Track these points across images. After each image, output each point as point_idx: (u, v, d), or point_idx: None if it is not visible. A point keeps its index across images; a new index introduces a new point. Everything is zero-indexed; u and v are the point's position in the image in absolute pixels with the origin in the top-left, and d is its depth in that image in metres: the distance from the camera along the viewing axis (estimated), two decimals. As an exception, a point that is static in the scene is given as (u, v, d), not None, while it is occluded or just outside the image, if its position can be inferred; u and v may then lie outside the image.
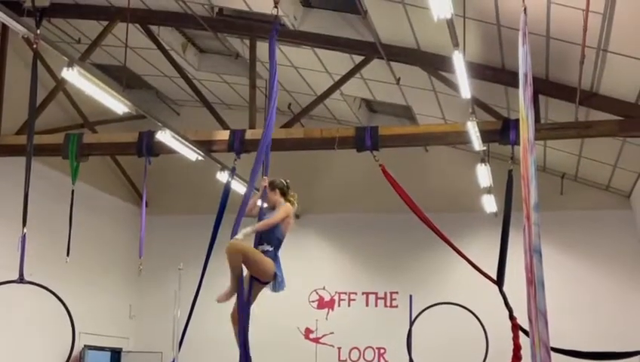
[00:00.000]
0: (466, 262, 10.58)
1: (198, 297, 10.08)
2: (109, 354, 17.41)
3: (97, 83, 9.88)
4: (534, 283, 4.25)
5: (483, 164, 13.62)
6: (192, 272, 10.87)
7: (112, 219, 17.57)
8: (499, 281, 10.31)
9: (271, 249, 7.48)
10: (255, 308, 7.52)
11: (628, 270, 16.44)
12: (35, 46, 8.38)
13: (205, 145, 12.69)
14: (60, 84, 13.50)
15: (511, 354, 9.49)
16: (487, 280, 10.40)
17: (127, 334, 17.95)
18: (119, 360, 17.63)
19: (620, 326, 15.99)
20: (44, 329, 14.16)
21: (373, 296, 17.80)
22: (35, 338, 14.40)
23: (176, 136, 11.88)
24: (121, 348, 17.68)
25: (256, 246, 7.48)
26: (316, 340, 17.78)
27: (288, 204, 7.71)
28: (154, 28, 13.53)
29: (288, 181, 7.86)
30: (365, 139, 11.94)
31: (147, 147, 12.46)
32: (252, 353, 7.35)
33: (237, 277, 7.32)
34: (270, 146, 8.00)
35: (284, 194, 7.75)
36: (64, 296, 8.24)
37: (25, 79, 8.71)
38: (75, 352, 15.84)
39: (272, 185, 7.74)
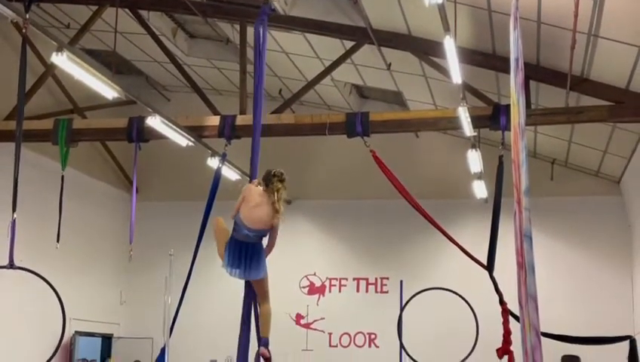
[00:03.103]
0: (457, 248, 10.60)
1: (189, 283, 10.07)
2: (99, 339, 17.43)
3: (87, 68, 9.84)
4: (525, 267, 4.25)
5: (474, 150, 13.61)
6: (182, 258, 10.85)
7: (102, 205, 17.52)
8: (489, 267, 10.32)
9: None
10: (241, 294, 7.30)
11: (617, 255, 16.51)
12: (24, 31, 8.33)
13: (196, 131, 12.67)
14: (50, 70, 13.44)
15: (501, 338, 9.50)
16: (478, 265, 10.42)
17: (117, 320, 17.95)
18: (110, 346, 17.65)
19: (609, 311, 16.08)
20: (34, 316, 14.13)
21: (364, 281, 17.84)
22: (24, 325, 14.37)
23: (167, 121, 11.86)
24: (111, 334, 17.69)
25: None
26: (307, 326, 17.82)
27: (248, 184, 7.19)
28: (144, 13, 13.46)
29: (278, 171, 7.17)
30: (356, 125, 11.93)
31: (137, 133, 12.42)
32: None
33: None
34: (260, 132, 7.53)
35: (267, 183, 7.10)
36: (54, 282, 8.20)
37: (14, 64, 8.67)
38: (66, 338, 15.84)
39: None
